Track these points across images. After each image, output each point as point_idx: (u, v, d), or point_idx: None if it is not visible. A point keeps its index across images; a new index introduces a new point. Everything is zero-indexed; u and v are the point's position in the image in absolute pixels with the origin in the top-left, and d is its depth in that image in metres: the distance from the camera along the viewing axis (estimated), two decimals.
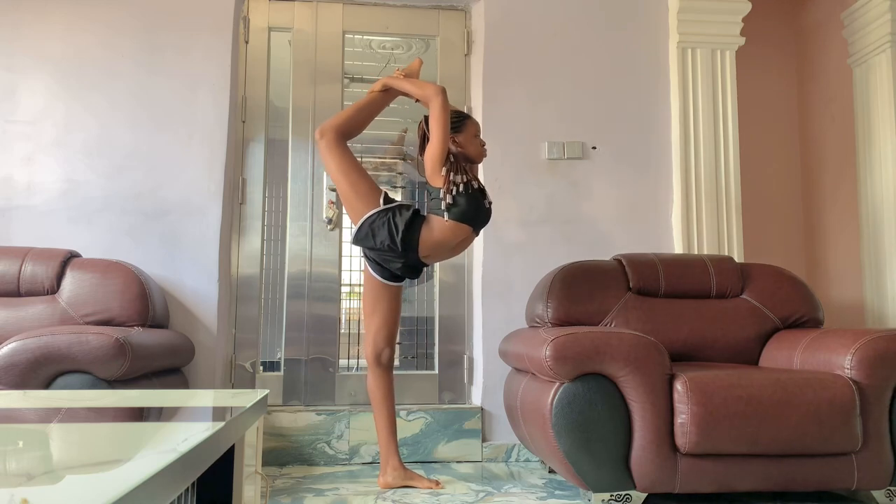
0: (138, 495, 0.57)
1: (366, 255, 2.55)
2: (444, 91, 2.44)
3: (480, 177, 2.94)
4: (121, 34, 3.03)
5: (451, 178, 2.42)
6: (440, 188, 2.42)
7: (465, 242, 2.53)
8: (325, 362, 3.14)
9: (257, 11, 3.29)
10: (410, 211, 2.45)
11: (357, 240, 2.49)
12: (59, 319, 2.48)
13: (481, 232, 3.06)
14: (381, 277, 2.53)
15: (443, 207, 2.40)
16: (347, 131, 2.55)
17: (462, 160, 2.50)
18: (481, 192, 2.48)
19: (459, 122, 2.53)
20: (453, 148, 2.49)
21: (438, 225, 2.42)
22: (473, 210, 2.44)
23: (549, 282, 2.67)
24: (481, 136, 2.63)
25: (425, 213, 2.49)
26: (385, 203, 2.47)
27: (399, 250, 2.42)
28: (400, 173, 3.35)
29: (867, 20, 3.28)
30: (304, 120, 3.25)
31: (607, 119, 3.25)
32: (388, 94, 2.64)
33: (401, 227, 2.40)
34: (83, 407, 1.38)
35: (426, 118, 2.58)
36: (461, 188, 2.41)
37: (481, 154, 2.57)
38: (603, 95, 3.26)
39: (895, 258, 3.14)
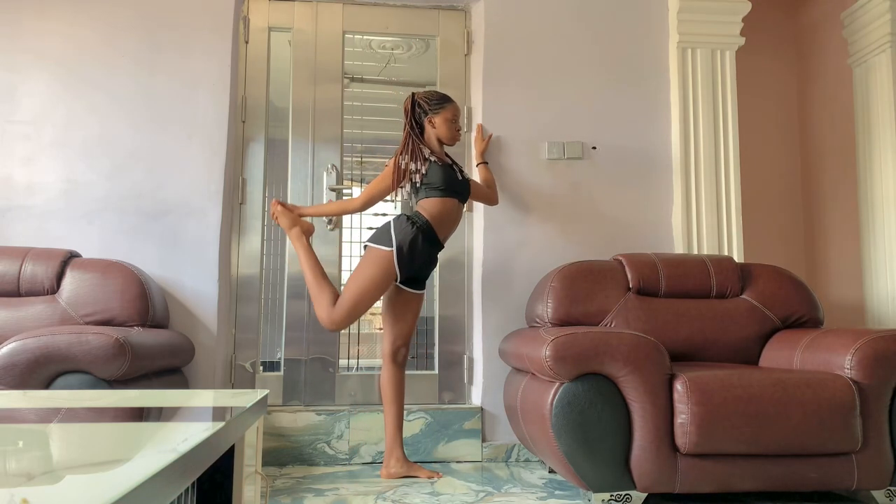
0: (138, 495, 0.57)
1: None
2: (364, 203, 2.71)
3: (475, 173, 3.16)
4: (121, 33, 3.03)
5: (407, 166, 2.65)
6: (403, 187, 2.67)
7: (458, 214, 2.74)
8: (325, 362, 3.14)
9: (257, 11, 3.29)
10: (404, 221, 2.62)
11: (408, 275, 2.64)
12: (59, 319, 2.48)
13: (481, 231, 3.10)
14: (414, 290, 2.70)
15: (416, 190, 2.66)
16: (333, 299, 2.63)
17: (434, 140, 2.74)
18: (451, 167, 2.73)
19: (439, 104, 2.74)
20: (428, 127, 2.73)
21: (430, 205, 2.65)
22: (448, 181, 2.66)
23: (549, 282, 2.68)
24: (474, 144, 2.95)
25: (409, 213, 2.68)
26: (394, 246, 2.59)
27: (429, 252, 2.65)
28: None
29: (867, 20, 3.28)
30: (304, 120, 3.25)
31: (607, 119, 3.25)
32: (301, 240, 2.75)
33: (419, 238, 2.59)
34: (83, 407, 1.38)
35: (413, 94, 2.78)
36: (425, 170, 2.65)
37: (454, 137, 2.78)
38: (603, 95, 3.26)
39: (895, 258, 3.14)
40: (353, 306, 2.59)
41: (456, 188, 2.69)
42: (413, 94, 2.78)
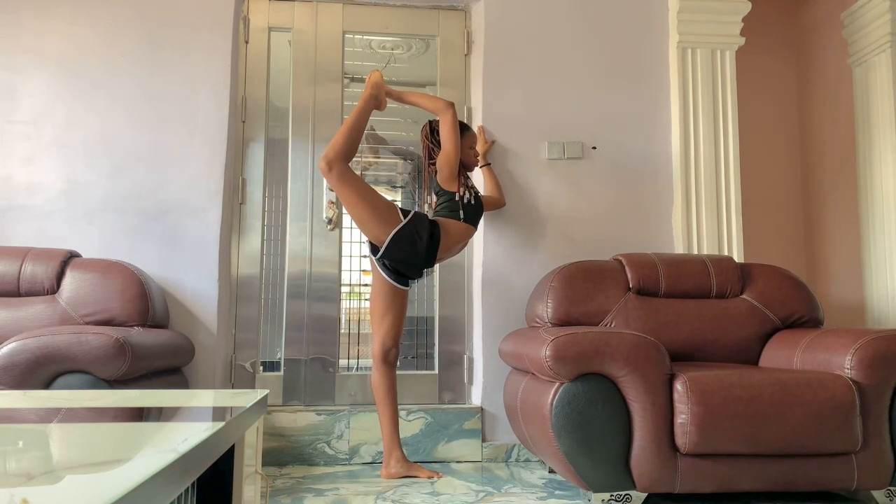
0: (138, 495, 0.57)
1: (382, 263, 2.65)
2: (453, 105, 2.69)
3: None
4: (121, 33, 3.03)
5: (468, 183, 2.72)
6: (454, 192, 2.68)
7: (465, 245, 2.79)
8: (325, 362, 3.14)
9: (257, 11, 3.29)
10: (427, 220, 2.62)
11: (387, 255, 2.59)
12: (59, 319, 2.48)
13: (481, 231, 3.11)
14: (396, 283, 2.65)
15: (461, 207, 2.67)
16: (350, 155, 2.62)
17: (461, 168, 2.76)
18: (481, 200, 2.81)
19: (460, 132, 2.74)
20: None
21: (454, 227, 2.66)
22: (479, 213, 2.74)
23: (549, 282, 2.68)
24: (476, 147, 2.93)
25: (433, 218, 2.69)
26: (403, 216, 2.60)
27: (424, 258, 2.58)
28: (400, 173, 3.36)
29: (867, 20, 3.28)
30: (304, 120, 3.25)
31: (607, 119, 3.25)
32: (370, 107, 2.72)
33: (424, 237, 2.57)
34: (83, 407, 1.38)
35: (430, 123, 2.81)
36: (475, 192, 2.71)
37: (475, 164, 2.83)
38: (603, 95, 3.26)
39: (895, 258, 3.14)
40: (350, 170, 2.59)
41: (478, 221, 2.77)
42: (430, 122, 2.82)
